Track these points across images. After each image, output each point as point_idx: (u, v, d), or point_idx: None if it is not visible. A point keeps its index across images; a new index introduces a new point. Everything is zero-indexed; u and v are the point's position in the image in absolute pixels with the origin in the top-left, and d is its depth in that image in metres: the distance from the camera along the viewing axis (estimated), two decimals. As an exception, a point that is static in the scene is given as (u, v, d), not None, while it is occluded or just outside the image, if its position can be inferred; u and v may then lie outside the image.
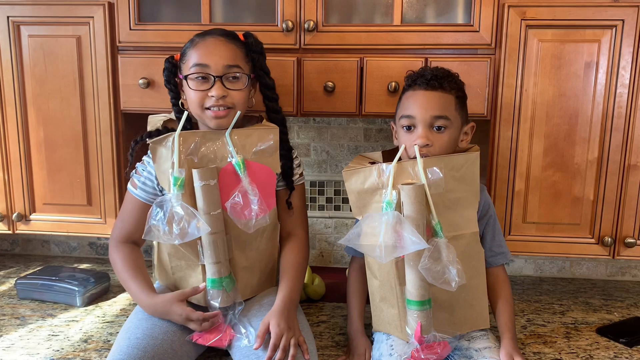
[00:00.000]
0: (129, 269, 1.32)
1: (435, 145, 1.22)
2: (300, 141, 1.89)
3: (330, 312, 1.60)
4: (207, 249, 1.24)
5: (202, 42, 1.25)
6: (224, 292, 1.26)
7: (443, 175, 1.18)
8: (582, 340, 1.45)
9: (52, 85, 1.54)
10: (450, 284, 1.13)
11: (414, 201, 1.15)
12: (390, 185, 1.18)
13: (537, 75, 1.42)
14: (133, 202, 1.34)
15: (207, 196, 1.23)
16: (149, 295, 1.28)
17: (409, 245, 1.11)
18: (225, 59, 1.24)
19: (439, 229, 1.17)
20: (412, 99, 1.25)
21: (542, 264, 1.91)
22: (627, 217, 1.48)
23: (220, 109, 1.24)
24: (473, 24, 1.42)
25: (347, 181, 1.26)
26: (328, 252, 1.96)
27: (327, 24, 1.46)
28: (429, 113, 1.21)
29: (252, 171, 1.27)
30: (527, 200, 1.49)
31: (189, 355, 1.27)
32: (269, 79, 1.33)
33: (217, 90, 1.23)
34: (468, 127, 1.30)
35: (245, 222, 1.24)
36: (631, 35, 1.38)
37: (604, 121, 1.43)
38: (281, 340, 1.18)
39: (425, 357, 1.17)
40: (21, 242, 2.08)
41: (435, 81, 1.23)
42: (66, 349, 1.37)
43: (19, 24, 1.52)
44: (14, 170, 1.61)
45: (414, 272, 1.17)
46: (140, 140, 1.30)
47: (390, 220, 1.14)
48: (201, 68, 1.23)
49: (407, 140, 1.24)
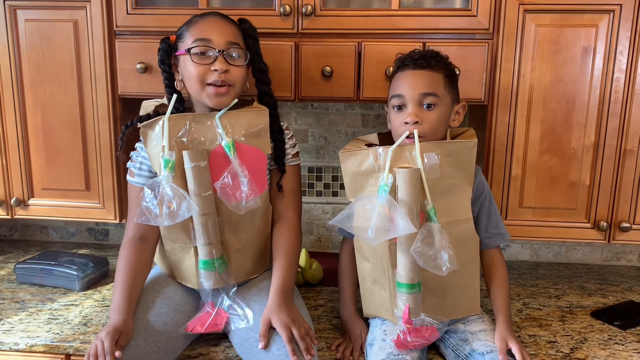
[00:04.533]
0: (121, 277, 1.27)
1: (425, 123, 1.22)
2: (298, 127, 1.90)
3: (327, 296, 1.62)
4: (198, 230, 1.25)
5: (203, 20, 1.26)
6: (216, 273, 1.26)
7: (439, 161, 1.19)
8: (577, 323, 1.46)
9: (50, 70, 1.54)
10: (441, 269, 1.14)
11: (409, 185, 1.15)
12: (387, 168, 1.18)
13: (535, 60, 1.42)
14: (135, 192, 1.33)
15: (198, 177, 1.23)
16: (113, 308, 1.23)
17: (400, 229, 1.12)
18: (227, 35, 1.25)
19: (433, 213, 1.18)
20: (401, 79, 1.26)
21: (538, 249, 1.92)
22: (623, 202, 1.49)
23: (221, 86, 1.24)
24: (471, 9, 1.42)
25: (343, 163, 1.27)
26: (326, 237, 1.97)
27: (325, 8, 1.45)
28: (417, 91, 1.22)
29: (242, 153, 1.27)
30: (523, 185, 1.50)
31: (183, 338, 1.28)
32: (262, 63, 1.33)
33: (220, 64, 1.22)
34: (459, 107, 1.30)
35: (235, 204, 1.25)
36: (629, 19, 1.38)
37: (601, 106, 1.44)
38: (292, 331, 1.18)
39: (411, 341, 1.18)
40: (20, 227, 2.09)
41: (422, 60, 1.25)
42: (66, 332, 1.38)
43: (16, 7, 1.51)
44: (11, 155, 1.60)
45: (405, 256, 1.18)
46: (130, 124, 1.30)
47: (382, 202, 1.15)
48: (203, 42, 1.23)
49: (397, 120, 1.25)
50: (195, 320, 1.28)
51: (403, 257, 1.18)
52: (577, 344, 1.35)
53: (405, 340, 1.18)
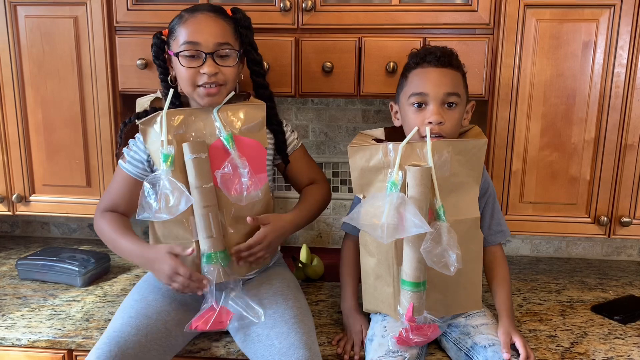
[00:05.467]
0: (116, 229, 1.31)
1: (448, 122, 1.21)
2: (299, 123, 1.90)
3: (329, 291, 1.62)
4: (199, 223, 1.24)
5: (191, 19, 1.24)
6: (220, 267, 1.25)
7: (450, 159, 1.19)
8: (577, 317, 1.47)
9: (50, 66, 1.54)
10: (449, 268, 1.13)
11: (420, 183, 1.15)
12: (397, 165, 1.18)
13: (535, 55, 1.42)
14: (120, 175, 1.34)
15: (198, 169, 1.23)
16: (140, 246, 1.26)
17: (411, 228, 1.11)
18: (216, 36, 1.23)
19: (441, 212, 1.18)
20: (423, 76, 1.23)
21: (538, 244, 1.93)
22: (623, 197, 1.49)
23: (212, 86, 1.24)
24: (471, 4, 1.42)
25: (351, 157, 1.26)
26: (327, 233, 1.98)
27: (326, 4, 1.45)
28: (442, 90, 1.21)
29: (242, 146, 1.28)
30: (524, 180, 1.50)
31: (183, 335, 1.28)
32: (256, 54, 1.32)
33: (208, 67, 1.22)
34: (469, 106, 1.31)
35: (236, 196, 1.25)
36: (629, 14, 1.38)
37: (601, 101, 1.44)
38: (262, 240, 1.27)
39: (413, 338, 1.18)
40: (21, 224, 2.09)
41: (445, 58, 1.23)
42: (68, 328, 1.38)
43: (16, 4, 1.51)
44: (13, 151, 1.61)
45: (412, 254, 1.17)
46: (129, 122, 1.31)
47: (394, 201, 1.14)
48: (192, 46, 1.22)
49: (417, 118, 1.23)
50: (198, 318, 1.26)
51: (410, 255, 1.18)
52: (577, 339, 1.36)
53: (407, 338, 1.18)
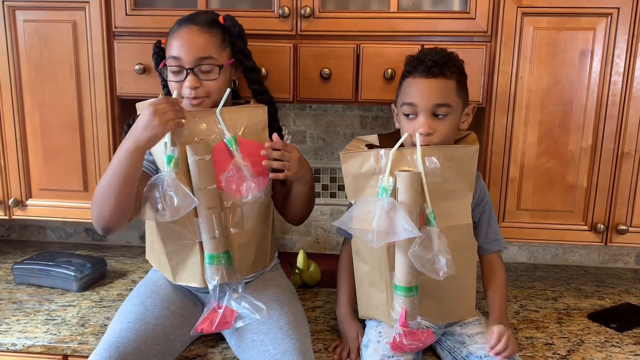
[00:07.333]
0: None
1: (437, 132, 1.22)
2: (297, 128, 1.90)
3: (325, 297, 1.62)
4: (203, 224, 1.24)
5: (177, 32, 1.27)
6: (224, 267, 1.25)
7: (440, 165, 1.19)
8: (574, 325, 1.47)
9: (48, 71, 1.54)
10: (438, 273, 1.14)
11: (409, 188, 1.15)
12: (388, 171, 1.18)
13: (533, 63, 1.43)
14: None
15: (202, 171, 1.23)
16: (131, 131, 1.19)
17: (401, 232, 1.12)
18: (197, 51, 1.25)
19: (432, 217, 1.18)
20: (413, 87, 1.24)
21: (535, 251, 1.93)
22: (620, 205, 1.49)
23: (193, 100, 1.27)
24: (469, 11, 1.42)
25: (344, 164, 1.27)
26: (324, 238, 1.97)
27: (324, 10, 1.45)
28: (431, 101, 1.21)
29: (244, 148, 1.29)
30: (521, 188, 1.51)
31: (182, 340, 1.28)
32: (249, 61, 1.33)
33: (189, 82, 1.25)
34: (469, 109, 1.30)
35: (240, 198, 1.26)
36: (626, 23, 1.39)
37: (598, 109, 1.44)
38: (292, 150, 1.28)
39: (407, 344, 1.18)
40: (17, 228, 2.09)
41: (435, 68, 1.21)
42: (63, 333, 1.38)
43: (14, 8, 1.51)
44: (10, 155, 1.60)
45: (403, 259, 1.18)
46: (132, 123, 1.30)
47: (384, 205, 1.15)
48: (175, 60, 1.26)
49: (408, 128, 1.24)
50: (203, 320, 1.26)
51: (401, 259, 1.18)
52: (573, 346, 1.36)
53: (401, 343, 1.18)
